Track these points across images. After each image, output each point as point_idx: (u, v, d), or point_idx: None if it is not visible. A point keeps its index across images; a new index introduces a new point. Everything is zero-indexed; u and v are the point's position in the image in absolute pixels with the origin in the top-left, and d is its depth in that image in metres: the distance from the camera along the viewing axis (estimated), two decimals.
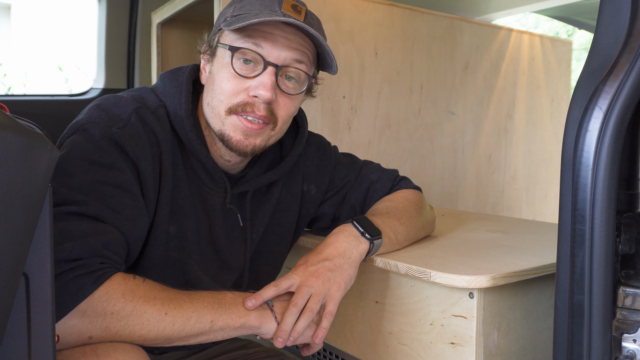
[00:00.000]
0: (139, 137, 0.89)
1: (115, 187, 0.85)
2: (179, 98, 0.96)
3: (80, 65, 7.49)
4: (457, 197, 2.55)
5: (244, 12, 0.91)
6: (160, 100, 0.96)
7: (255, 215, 1.06)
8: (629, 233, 0.79)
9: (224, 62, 0.93)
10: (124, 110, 0.90)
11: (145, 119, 0.91)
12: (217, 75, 0.94)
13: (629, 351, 0.74)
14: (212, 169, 0.97)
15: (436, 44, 2.35)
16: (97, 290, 0.78)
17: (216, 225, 1.00)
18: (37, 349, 0.58)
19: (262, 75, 0.91)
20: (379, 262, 1.04)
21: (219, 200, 1.00)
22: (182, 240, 0.95)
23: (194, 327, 0.82)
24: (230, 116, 0.93)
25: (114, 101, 0.91)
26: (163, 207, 0.92)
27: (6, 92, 6.54)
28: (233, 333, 0.86)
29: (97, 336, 0.78)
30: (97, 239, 0.80)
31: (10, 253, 0.51)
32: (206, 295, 0.86)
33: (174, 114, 0.95)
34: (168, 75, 1.01)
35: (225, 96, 0.92)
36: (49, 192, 0.56)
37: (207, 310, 0.84)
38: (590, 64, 0.75)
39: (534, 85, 2.88)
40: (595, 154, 0.70)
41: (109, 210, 0.83)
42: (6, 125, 0.49)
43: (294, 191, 1.12)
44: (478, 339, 0.92)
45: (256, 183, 1.04)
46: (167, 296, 0.83)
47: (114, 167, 0.85)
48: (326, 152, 1.18)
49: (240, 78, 0.91)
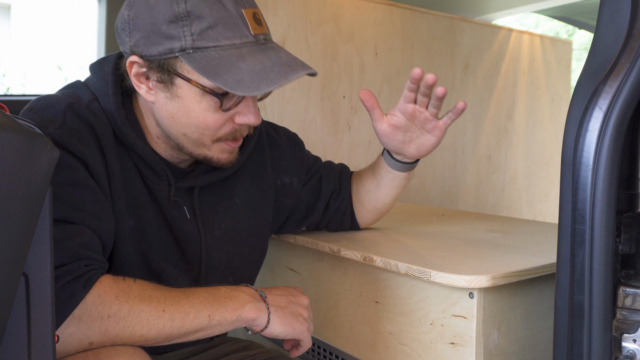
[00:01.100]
0: (79, 133, 0.85)
1: (71, 185, 0.82)
2: (106, 91, 0.91)
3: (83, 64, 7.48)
4: (457, 197, 2.55)
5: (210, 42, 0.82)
6: (92, 93, 0.92)
7: (209, 211, 1.02)
8: (629, 233, 0.79)
9: (197, 97, 0.86)
10: (57, 109, 0.86)
11: (80, 114, 0.87)
12: (189, 109, 0.88)
13: (629, 351, 0.74)
14: (152, 163, 0.93)
15: (436, 44, 2.35)
16: (89, 295, 0.77)
17: (170, 217, 0.97)
18: (37, 349, 0.58)
19: (247, 102, 0.89)
20: (379, 262, 1.04)
21: (164, 193, 0.97)
22: (142, 232, 0.93)
23: (192, 323, 0.82)
24: (217, 143, 0.91)
25: (46, 102, 0.88)
26: (118, 200, 0.90)
27: (5, 92, 6.54)
28: (229, 327, 0.86)
29: (97, 341, 0.77)
30: (72, 241, 0.78)
31: (10, 253, 0.51)
32: (200, 290, 0.86)
33: (105, 108, 0.91)
34: (94, 67, 0.96)
35: (212, 130, 0.89)
36: (49, 192, 0.56)
37: (203, 305, 0.83)
38: (590, 64, 0.75)
39: (534, 85, 2.88)
40: (595, 154, 0.70)
41: (72, 209, 0.81)
42: (6, 125, 0.49)
43: (263, 187, 1.10)
44: (478, 339, 0.92)
45: (203, 180, 1.00)
46: (162, 294, 0.82)
47: (63, 166, 0.82)
48: (297, 143, 1.21)
49: (221, 110, 0.88)
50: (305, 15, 1.93)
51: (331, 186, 1.21)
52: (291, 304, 0.93)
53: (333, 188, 1.21)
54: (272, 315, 0.89)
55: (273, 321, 0.89)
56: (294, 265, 1.32)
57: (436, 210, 1.79)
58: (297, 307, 0.93)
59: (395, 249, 1.10)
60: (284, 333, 0.90)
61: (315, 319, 1.25)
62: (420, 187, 2.38)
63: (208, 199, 1.03)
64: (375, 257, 1.05)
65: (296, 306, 0.93)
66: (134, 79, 0.89)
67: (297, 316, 0.92)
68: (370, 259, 1.05)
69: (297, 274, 1.32)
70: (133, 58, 0.86)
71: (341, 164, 1.28)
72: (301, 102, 1.93)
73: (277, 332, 0.89)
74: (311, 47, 1.98)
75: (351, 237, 1.23)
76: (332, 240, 1.19)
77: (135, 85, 0.89)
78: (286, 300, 0.93)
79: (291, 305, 0.93)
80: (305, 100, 1.95)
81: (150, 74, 0.87)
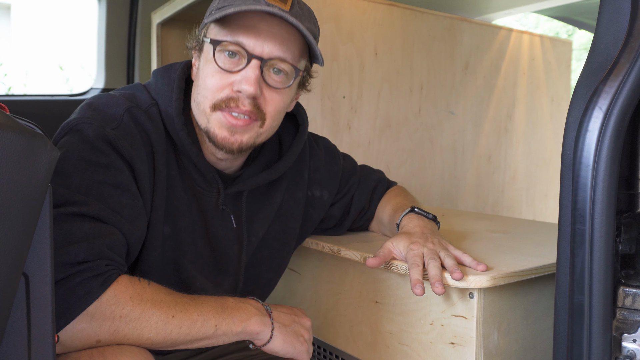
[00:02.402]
0: (132, 137, 0.87)
1: (114, 186, 0.84)
2: (170, 96, 0.94)
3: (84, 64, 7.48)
4: (457, 197, 2.55)
5: (227, 3, 0.89)
6: (152, 98, 0.95)
7: (254, 217, 1.05)
8: (629, 233, 0.79)
9: (209, 57, 0.91)
10: (116, 110, 0.88)
11: (137, 119, 0.89)
12: (203, 71, 0.92)
13: (629, 351, 0.74)
14: (204, 169, 0.95)
15: (436, 44, 2.35)
16: (105, 294, 0.77)
17: (212, 226, 0.99)
18: (37, 349, 0.58)
19: (246, 69, 0.88)
20: None
21: (212, 200, 0.98)
22: (177, 240, 0.94)
23: (199, 331, 0.82)
24: (215, 112, 0.90)
25: (106, 101, 0.90)
26: (158, 207, 0.91)
27: (6, 92, 6.54)
28: (233, 338, 0.86)
29: (105, 339, 0.77)
30: (102, 240, 0.79)
31: (10, 253, 0.51)
32: (209, 299, 0.86)
33: (165, 113, 0.93)
34: (161, 72, 0.99)
35: (210, 92, 0.90)
36: (49, 192, 0.56)
37: (211, 315, 0.84)
38: (590, 64, 0.75)
39: (534, 85, 2.88)
40: (595, 154, 0.70)
41: (109, 210, 0.82)
42: (6, 125, 0.49)
43: (296, 197, 1.11)
44: (478, 339, 0.92)
45: (251, 182, 1.01)
46: (173, 300, 0.83)
47: (111, 167, 0.84)
48: (335, 156, 1.20)
49: (225, 73, 0.89)
50: None
51: (361, 205, 1.23)
52: (294, 324, 0.94)
53: (362, 207, 1.23)
54: (275, 331, 0.89)
55: (275, 337, 0.89)
56: (294, 265, 1.32)
57: (436, 210, 1.79)
58: (300, 327, 0.94)
59: None
60: (284, 351, 0.90)
61: (315, 319, 1.25)
62: (420, 187, 2.38)
63: (252, 205, 1.05)
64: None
65: (299, 326, 0.94)
66: (193, 67, 0.97)
67: (299, 336, 0.93)
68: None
69: (297, 274, 1.32)
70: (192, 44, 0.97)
71: (378, 176, 1.26)
72: (301, 102, 1.93)
73: (278, 349, 0.90)
74: None
75: (351, 237, 1.23)
76: (332, 240, 1.19)
77: (192, 74, 0.98)
78: (290, 319, 0.93)
79: (294, 325, 0.93)
80: (305, 100, 1.95)
81: (196, 49, 0.97)
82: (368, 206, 1.23)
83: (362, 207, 1.22)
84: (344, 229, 1.24)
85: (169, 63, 1.01)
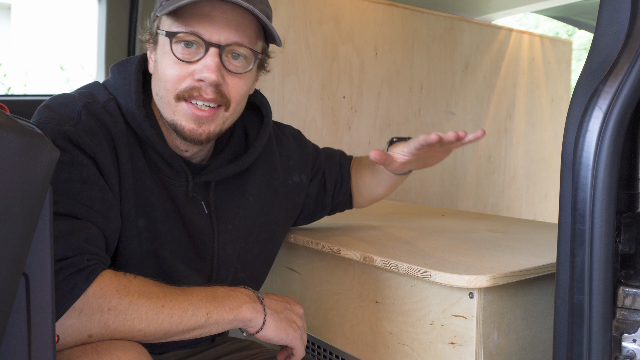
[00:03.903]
0: (92, 132, 0.87)
1: (81, 182, 0.84)
2: (128, 90, 0.94)
3: (84, 64, 7.48)
4: (457, 197, 2.55)
5: None
6: (110, 94, 0.94)
7: (226, 206, 1.04)
8: (629, 233, 0.79)
9: (165, 49, 0.91)
10: (73, 108, 0.88)
11: (95, 114, 0.89)
12: (161, 64, 0.92)
13: (629, 351, 0.74)
14: (170, 158, 0.95)
15: (436, 44, 2.35)
16: (90, 288, 0.78)
17: (186, 214, 0.98)
18: (37, 349, 0.58)
19: (205, 58, 0.89)
20: (379, 262, 1.04)
21: (182, 189, 0.98)
22: (153, 232, 0.94)
23: (190, 320, 0.83)
24: (179, 103, 0.91)
25: (62, 100, 0.90)
26: (127, 200, 0.91)
27: (6, 92, 6.54)
28: (226, 326, 0.87)
29: (96, 334, 0.78)
30: (78, 235, 0.79)
31: (10, 253, 0.51)
32: (199, 289, 0.87)
33: (125, 107, 0.93)
34: (117, 67, 0.99)
35: (171, 84, 0.91)
36: (49, 192, 0.56)
37: (202, 303, 0.84)
38: (590, 64, 0.75)
39: (534, 85, 2.88)
40: (595, 154, 0.70)
41: (80, 205, 0.82)
42: (6, 125, 0.49)
43: (273, 186, 1.11)
44: (478, 338, 0.92)
45: (219, 174, 1.02)
46: (162, 290, 0.83)
47: (75, 164, 0.84)
48: (302, 140, 1.23)
49: (183, 63, 0.90)
50: (305, 15, 1.93)
51: (333, 179, 1.24)
52: (286, 310, 0.94)
53: (335, 181, 1.25)
54: (268, 318, 0.90)
55: (268, 324, 0.90)
56: (294, 265, 1.32)
57: (436, 210, 1.79)
58: (292, 314, 0.95)
59: (395, 249, 1.10)
60: (278, 337, 0.91)
61: (315, 319, 1.25)
62: (420, 187, 2.38)
63: (222, 195, 1.04)
64: (375, 257, 1.05)
65: (291, 313, 0.95)
66: (149, 60, 0.96)
67: (292, 322, 0.93)
68: (370, 258, 1.05)
69: (297, 274, 1.32)
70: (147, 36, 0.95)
71: (340, 152, 1.31)
72: (301, 102, 1.93)
73: (271, 335, 0.90)
74: (311, 47, 1.98)
75: (351, 237, 1.23)
76: (332, 240, 1.19)
77: (149, 67, 0.96)
78: (282, 306, 0.94)
79: (286, 311, 0.94)
80: (305, 100, 1.95)
81: (150, 42, 0.96)
82: (340, 179, 1.26)
83: (335, 180, 1.25)
84: (326, 208, 1.25)
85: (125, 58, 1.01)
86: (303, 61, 1.94)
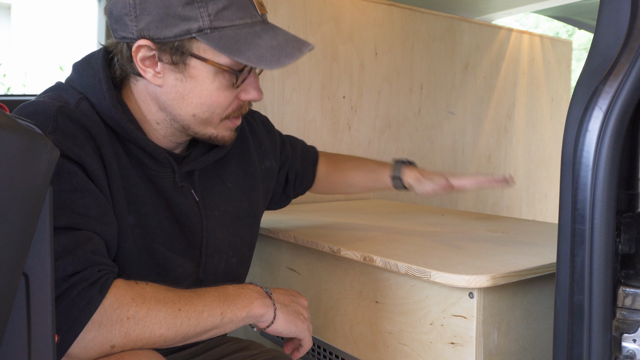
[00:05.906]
0: (73, 136, 0.84)
1: (72, 191, 0.81)
2: (99, 88, 0.90)
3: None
4: (457, 197, 2.55)
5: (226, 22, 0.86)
6: (80, 93, 0.91)
7: (211, 192, 1.05)
8: (629, 233, 0.79)
9: (210, 77, 0.89)
10: (47, 114, 0.84)
11: (72, 117, 0.86)
12: (202, 88, 0.90)
13: (629, 351, 0.74)
14: (154, 151, 0.94)
15: (436, 44, 2.35)
16: (106, 299, 0.77)
17: (175, 205, 0.98)
18: (37, 349, 0.58)
19: (249, 78, 0.93)
20: (379, 262, 1.04)
21: (169, 180, 0.97)
22: (144, 227, 0.93)
23: (207, 321, 0.84)
24: (223, 121, 0.96)
25: (33, 108, 0.85)
26: (118, 199, 0.89)
27: (5, 92, 6.53)
28: (239, 324, 0.88)
29: (119, 344, 0.77)
30: (83, 248, 0.78)
31: (10, 253, 0.51)
32: (210, 290, 0.88)
33: (99, 106, 0.90)
34: (82, 64, 0.95)
35: (222, 109, 0.93)
36: (49, 192, 0.56)
37: (215, 304, 0.85)
38: (590, 64, 0.75)
39: (534, 85, 2.88)
40: (595, 154, 0.70)
41: (76, 215, 0.80)
42: (6, 125, 0.49)
43: (250, 172, 1.13)
44: (478, 339, 0.92)
45: (203, 161, 1.02)
46: (176, 294, 0.84)
47: (62, 173, 0.81)
48: (271, 127, 1.26)
49: (233, 88, 0.92)
50: (305, 15, 1.93)
51: (295, 170, 1.30)
52: (293, 303, 0.96)
53: (296, 172, 1.30)
54: (278, 312, 0.91)
55: (278, 318, 0.91)
56: (294, 265, 1.32)
57: (436, 210, 1.79)
58: (299, 306, 0.97)
59: (395, 249, 1.10)
60: (287, 330, 0.92)
61: (315, 319, 1.25)
62: None
63: (205, 183, 1.05)
64: (375, 257, 1.05)
65: (298, 306, 0.96)
66: (139, 64, 0.89)
67: (299, 315, 0.95)
68: (370, 258, 1.05)
69: (297, 274, 1.32)
70: (141, 42, 0.86)
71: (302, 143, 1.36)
72: (301, 102, 1.93)
73: (281, 329, 0.92)
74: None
75: (351, 237, 1.23)
76: (332, 240, 1.19)
77: (140, 69, 0.89)
78: (289, 299, 0.96)
79: (294, 304, 0.96)
80: (305, 100, 1.95)
81: (162, 57, 0.88)
82: (302, 171, 1.31)
83: (297, 171, 1.29)
84: (289, 197, 1.32)
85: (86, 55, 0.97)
86: (303, 61, 1.94)
